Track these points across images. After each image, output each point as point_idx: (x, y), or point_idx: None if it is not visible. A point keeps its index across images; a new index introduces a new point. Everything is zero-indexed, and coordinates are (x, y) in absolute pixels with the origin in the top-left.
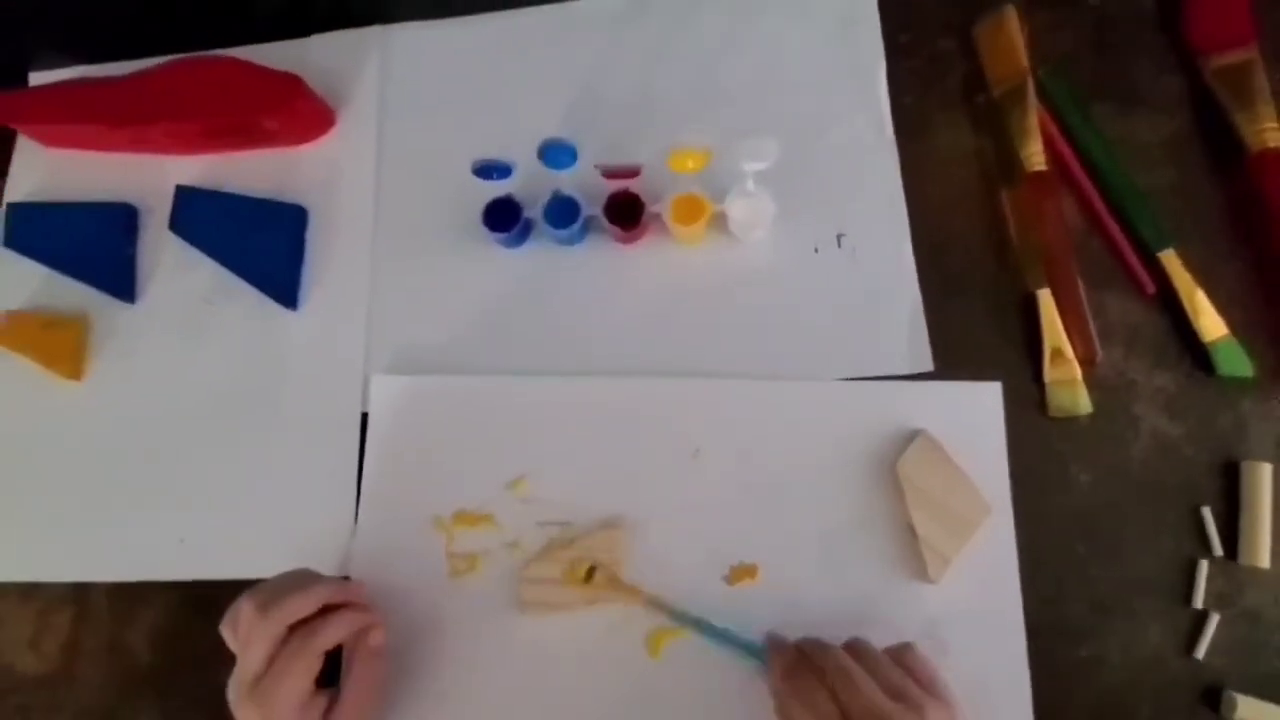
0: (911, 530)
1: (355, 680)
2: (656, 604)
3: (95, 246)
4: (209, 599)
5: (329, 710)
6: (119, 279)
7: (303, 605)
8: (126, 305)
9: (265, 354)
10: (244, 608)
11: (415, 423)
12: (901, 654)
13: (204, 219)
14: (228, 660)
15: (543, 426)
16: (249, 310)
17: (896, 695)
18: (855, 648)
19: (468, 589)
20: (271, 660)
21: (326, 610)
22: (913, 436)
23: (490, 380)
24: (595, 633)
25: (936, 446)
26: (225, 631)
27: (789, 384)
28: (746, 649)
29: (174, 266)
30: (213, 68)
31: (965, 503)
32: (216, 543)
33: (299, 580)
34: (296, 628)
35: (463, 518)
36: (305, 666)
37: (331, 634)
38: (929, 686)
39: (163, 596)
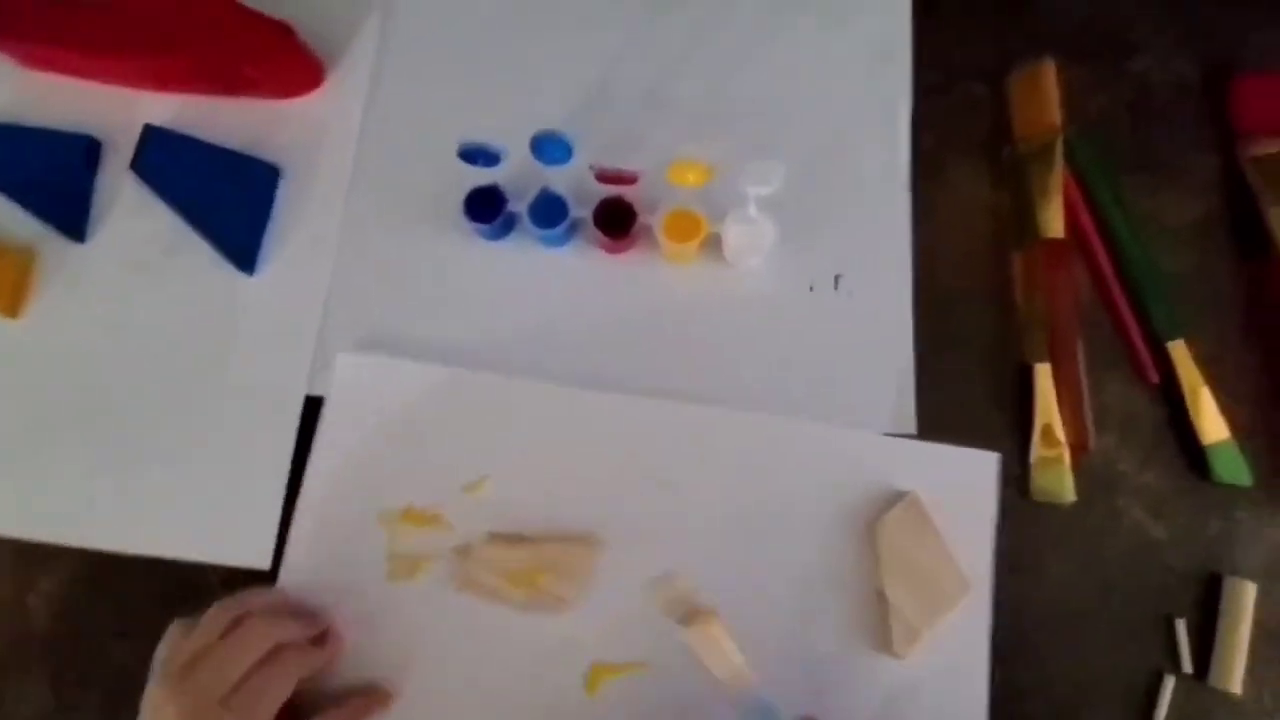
0: (882, 597)
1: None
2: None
3: (51, 177)
4: (115, 573)
5: None
6: (71, 215)
7: (300, 629)
8: (75, 244)
9: (213, 318)
10: (246, 611)
11: (375, 407)
12: None
13: (169, 163)
14: (122, 637)
15: (511, 430)
16: (203, 268)
17: None
18: None
19: (404, 596)
20: (256, 669)
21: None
22: (896, 496)
23: (463, 373)
24: (532, 658)
25: (922, 512)
26: (195, 630)
27: (777, 420)
28: None
29: (131, 210)
30: (201, 3)
31: (944, 576)
32: (130, 513)
33: (286, 599)
34: (284, 646)
35: (411, 515)
36: (288, 685)
37: (319, 658)
38: None
39: (71, 563)
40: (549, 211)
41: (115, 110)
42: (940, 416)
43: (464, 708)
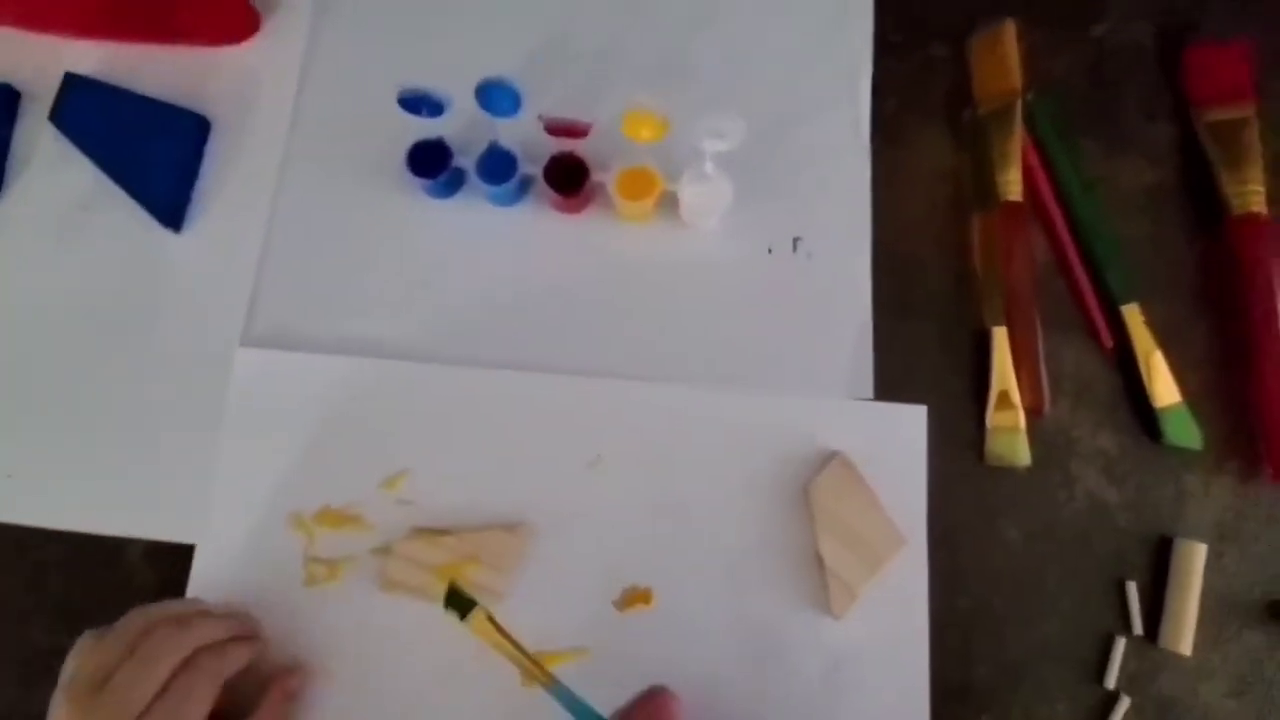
0: (819, 560)
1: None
2: (544, 679)
3: None
4: (30, 547)
5: None
6: None
7: (216, 629)
8: None
9: (137, 279)
10: (156, 619)
11: (281, 405)
12: None
13: (91, 114)
14: (38, 614)
15: (427, 419)
16: (126, 225)
17: None
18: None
19: (324, 600)
20: (174, 678)
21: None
22: (829, 457)
23: (372, 363)
24: (464, 655)
25: (852, 471)
26: (104, 642)
27: (699, 390)
28: None
29: (50, 162)
30: None
31: (878, 533)
32: (49, 485)
33: (200, 606)
34: (200, 651)
35: (327, 516)
36: (212, 691)
37: (239, 657)
38: None
39: None
40: (497, 167)
41: (36, 58)
42: (898, 381)
43: (395, 713)
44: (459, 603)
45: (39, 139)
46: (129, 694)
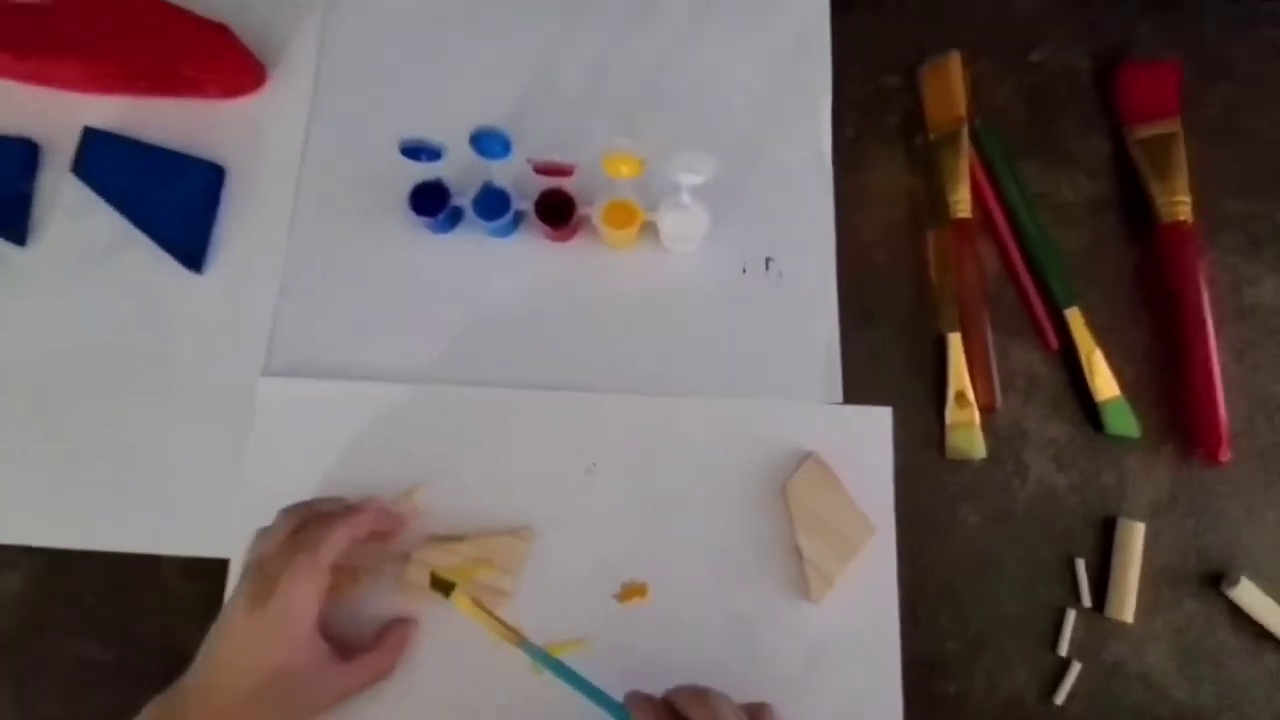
0: (797, 552)
1: (377, 654)
2: (516, 639)
3: None
4: (73, 568)
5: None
6: (11, 218)
7: (366, 522)
8: (16, 247)
9: (162, 316)
10: (320, 510)
11: (303, 428)
12: (758, 714)
13: (112, 165)
14: (82, 632)
15: (439, 437)
16: (150, 268)
17: None
18: (716, 703)
19: (349, 604)
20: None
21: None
22: (803, 457)
23: (384, 387)
24: (477, 649)
25: (825, 469)
26: (271, 526)
27: (684, 400)
28: (606, 705)
29: (73, 212)
30: (130, 5)
31: (850, 524)
32: (86, 511)
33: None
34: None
35: None
36: (318, 573)
37: (338, 538)
38: None
39: (24, 561)
40: (493, 204)
41: (53, 113)
42: (865, 385)
43: (412, 707)
44: (441, 585)
45: (61, 190)
46: (266, 574)
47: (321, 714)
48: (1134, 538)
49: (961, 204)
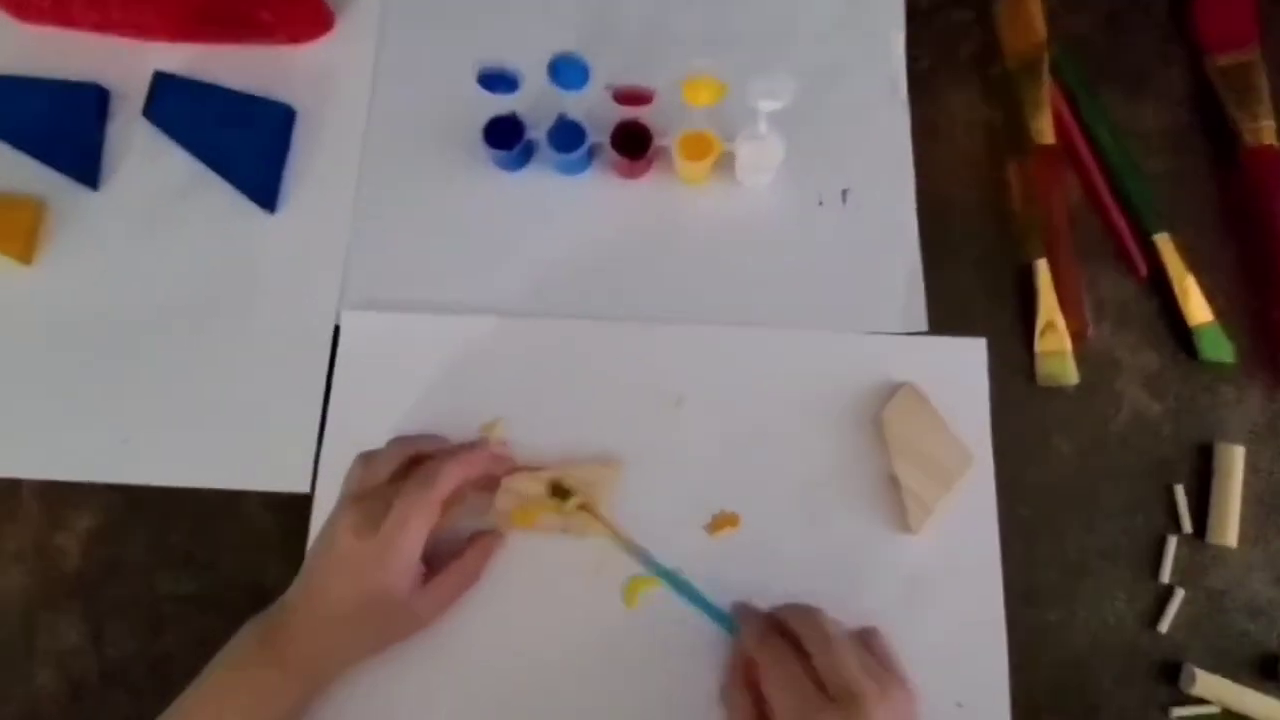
0: (893, 482)
1: (459, 566)
2: (630, 546)
3: (61, 127)
4: (148, 505)
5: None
6: (83, 162)
7: (475, 462)
8: (89, 191)
9: (236, 256)
10: (427, 449)
11: (385, 362)
12: (868, 637)
13: (183, 109)
14: (161, 567)
15: (521, 369)
16: (223, 209)
17: (868, 674)
18: (825, 621)
19: (436, 535)
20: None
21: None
22: (897, 388)
23: (466, 320)
24: (571, 574)
25: (921, 398)
26: (380, 454)
27: (773, 332)
28: (714, 614)
29: (145, 156)
30: None
31: (948, 452)
32: (165, 447)
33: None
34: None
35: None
36: (429, 507)
37: (453, 475)
38: (895, 673)
39: (101, 499)
40: (567, 137)
41: (123, 61)
42: (949, 316)
43: (508, 637)
44: (560, 492)
45: (133, 135)
46: (375, 505)
47: (412, 634)
48: (1235, 461)
49: (1044, 132)
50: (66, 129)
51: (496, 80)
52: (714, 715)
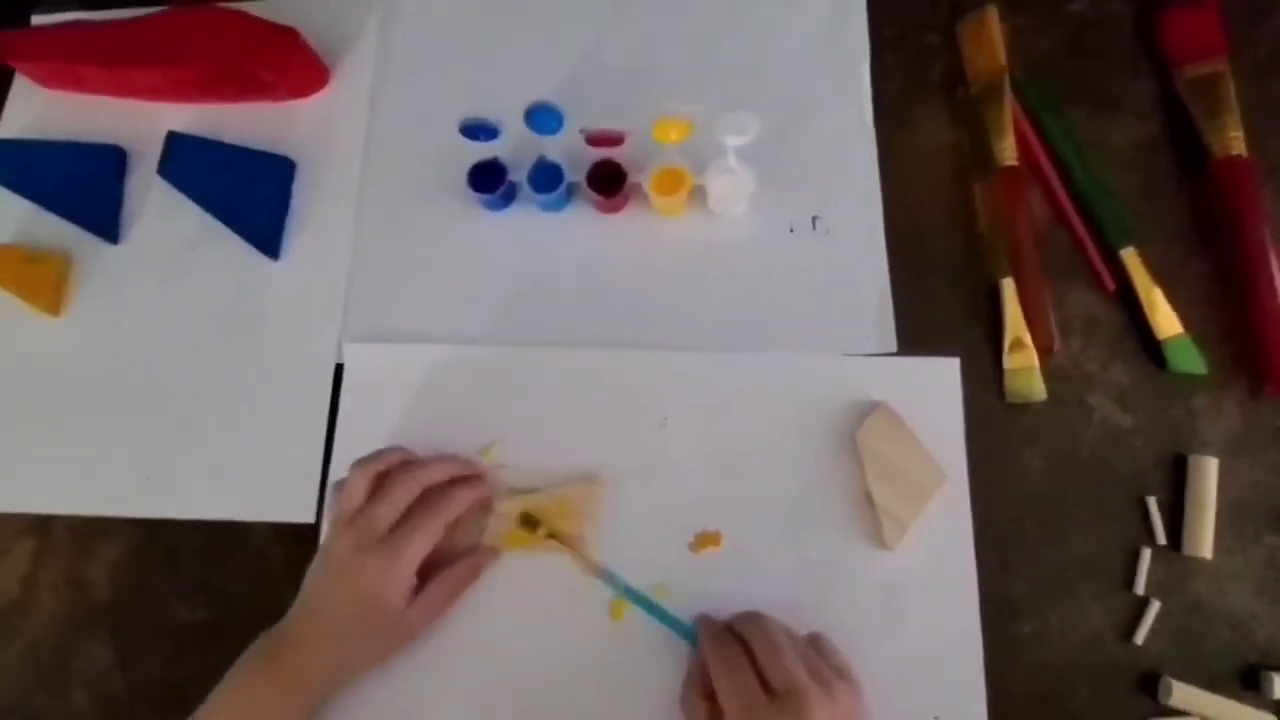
0: (869, 499)
1: (451, 575)
2: (597, 569)
3: (83, 185)
4: (170, 537)
5: (416, 590)
6: (104, 218)
7: (440, 471)
8: (110, 245)
9: (245, 301)
10: (393, 460)
11: (387, 390)
12: (815, 640)
13: (193, 165)
14: (184, 596)
15: (515, 394)
16: (231, 258)
17: (811, 673)
18: (771, 627)
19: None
20: (408, 515)
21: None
22: (872, 408)
23: (462, 349)
24: (558, 590)
25: (895, 417)
26: (357, 476)
27: (753, 356)
28: (680, 630)
29: (160, 210)
30: (211, 17)
31: (922, 471)
32: (183, 482)
33: (442, 456)
34: (428, 493)
35: None
36: (437, 526)
37: (463, 500)
38: (841, 672)
39: (125, 532)
40: (547, 178)
41: (138, 122)
42: (919, 336)
43: (496, 651)
44: (530, 522)
45: (148, 191)
46: (367, 528)
47: (403, 645)
48: (1208, 473)
49: (1007, 152)
50: (88, 187)
51: (478, 131)
52: None
